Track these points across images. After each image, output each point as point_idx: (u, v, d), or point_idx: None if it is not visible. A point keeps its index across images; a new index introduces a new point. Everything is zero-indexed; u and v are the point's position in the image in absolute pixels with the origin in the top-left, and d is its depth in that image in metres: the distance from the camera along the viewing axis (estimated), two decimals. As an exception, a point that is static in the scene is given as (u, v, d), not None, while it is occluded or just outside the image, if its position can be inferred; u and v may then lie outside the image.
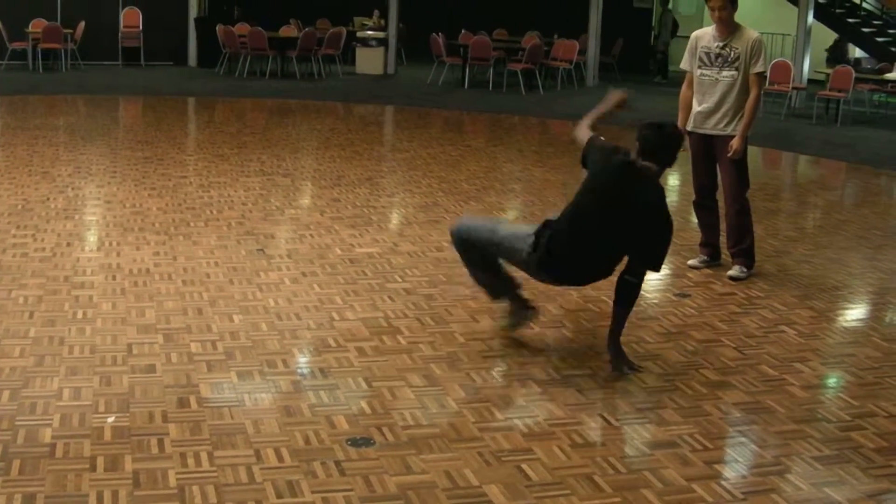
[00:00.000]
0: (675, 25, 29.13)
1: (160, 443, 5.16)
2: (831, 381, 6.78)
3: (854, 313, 8.44)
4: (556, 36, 26.13)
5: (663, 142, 6.55)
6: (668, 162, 6.56)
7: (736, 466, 5.40)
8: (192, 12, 25.71)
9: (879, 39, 27.43)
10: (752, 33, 8.64)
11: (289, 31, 25.50)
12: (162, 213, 9.91)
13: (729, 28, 8.61)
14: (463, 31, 25.86)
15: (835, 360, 7.13)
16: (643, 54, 30.78)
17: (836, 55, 27.55)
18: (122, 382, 5.86)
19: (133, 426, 5.32)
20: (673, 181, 13.98)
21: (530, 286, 7.19)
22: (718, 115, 8.66)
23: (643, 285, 6.58)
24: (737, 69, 8.57)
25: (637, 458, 5.36)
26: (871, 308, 8.62)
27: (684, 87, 8.95)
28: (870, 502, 5.04)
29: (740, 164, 8.70)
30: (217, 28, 24.07)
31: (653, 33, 31.44)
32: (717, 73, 8.63)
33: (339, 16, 27.97)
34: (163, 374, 6.01)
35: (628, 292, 6.49)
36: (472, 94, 23.13)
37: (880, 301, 8.74)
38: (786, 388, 6.41)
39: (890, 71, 22.95)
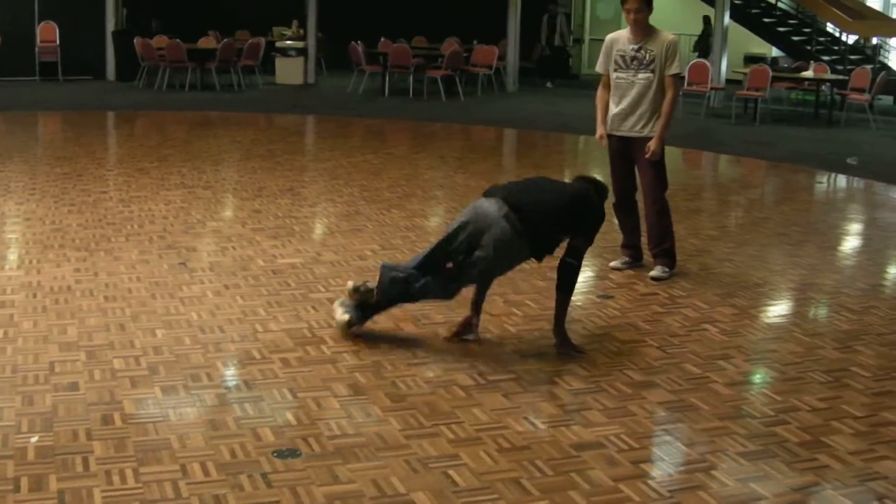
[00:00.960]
0: (552, 29, 28.78)
1: (85, 461, 5.11)
2: (755, 378, 6.86)
3: (776, 309, 8.52)
4: (475, 42, 26.18)
5: None
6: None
7: (662, 465, 5.44)
8: (110, 25, 25.44)
9: (795, 38, 27.75)
10: (666, 35, 8.71)
11: (207, 42, 25.31)
12: (82, 229, 9.81)
13: (644, 30, 8.67)
14: (382, 38, 25.79)
15: (758, 356, 7.21)
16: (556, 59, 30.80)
17: (701, 48, 27.75)
18: (45, 401, 5.80)
19: (57, 445, 5.27)
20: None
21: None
22: (635, 117, 8.72)
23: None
24: (652, 71, 8.63)
25: (564, 460, 5.38)
26: (792, 304, 8.71)
27: (600, 89, 8.99)
28: (795, 496, 5.10)
29: (658, 165, 8.77)
30: (135, 41, 23.84)
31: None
32: (633, 75, 8.68)
33: (257, 26, 27.83)
34: (86, 392, 5.95)
35: (568, 276, 6.92)
36: (392, 101, 23.13)
37: (802, 297, 8.83)
38: (710, 386, 6.47)
39: (806, 69, 23.24)
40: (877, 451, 5.62)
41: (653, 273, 8.87)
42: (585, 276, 9.10)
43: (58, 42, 24.65)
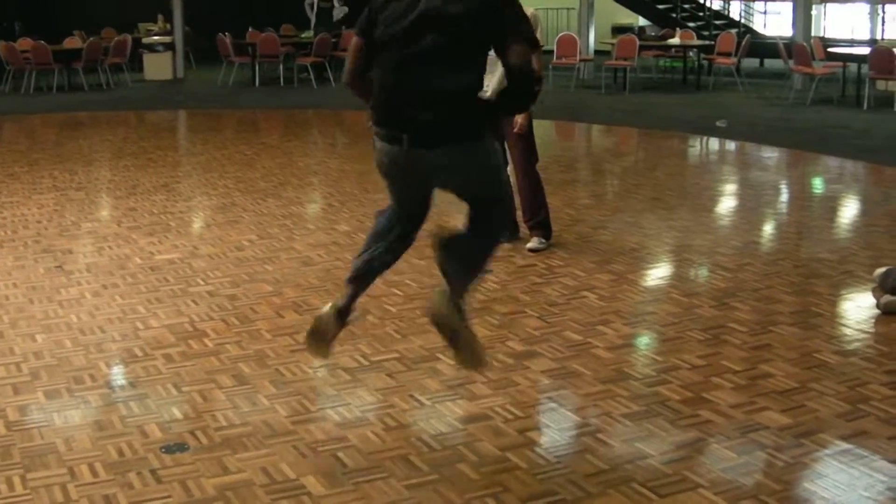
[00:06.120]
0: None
1: (-31, 471, 5.05)
2: (635, 340, 6.97)
3: (652, 273, 8.66)
4: (343, 27, 26.13)
5: None
6: None
7: (548, 432, 5.52)
8: (-30, 32, 25.01)
9: (660, 6, 28.07)
10: (526, 9, 8.75)
11: (73, 42, 24.92)
12: (-46, 238, 9.67)
13: (503, 5, 8.71)
14: (250, 29, 25.65)
15: (636, 319, 7.32)
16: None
17: None
18: (-75, 414, 5.73)
19: (-61, 457, 5.21)
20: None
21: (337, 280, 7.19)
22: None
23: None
24: (516, 45, 8.69)
25: (450, 434, 5.43)
26: (668, 266, 8.85)
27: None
28: (681, 452, 5.18)
29: (527, 138, 8.82)
30: (-3, 45, 23.44)
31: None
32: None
33: (123, 23, 27.46)
34: (-34, 402, 5.89)
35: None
36: (263, 91, 23.01)
37: (677, 259, 8.97)
38: (591, 352, 6.55)
39: (673, 36, 23.56)
40: (757, 403, 5.74)
41: (530, 245, 8.95)
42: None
43: (-83, 53, 24.10)
